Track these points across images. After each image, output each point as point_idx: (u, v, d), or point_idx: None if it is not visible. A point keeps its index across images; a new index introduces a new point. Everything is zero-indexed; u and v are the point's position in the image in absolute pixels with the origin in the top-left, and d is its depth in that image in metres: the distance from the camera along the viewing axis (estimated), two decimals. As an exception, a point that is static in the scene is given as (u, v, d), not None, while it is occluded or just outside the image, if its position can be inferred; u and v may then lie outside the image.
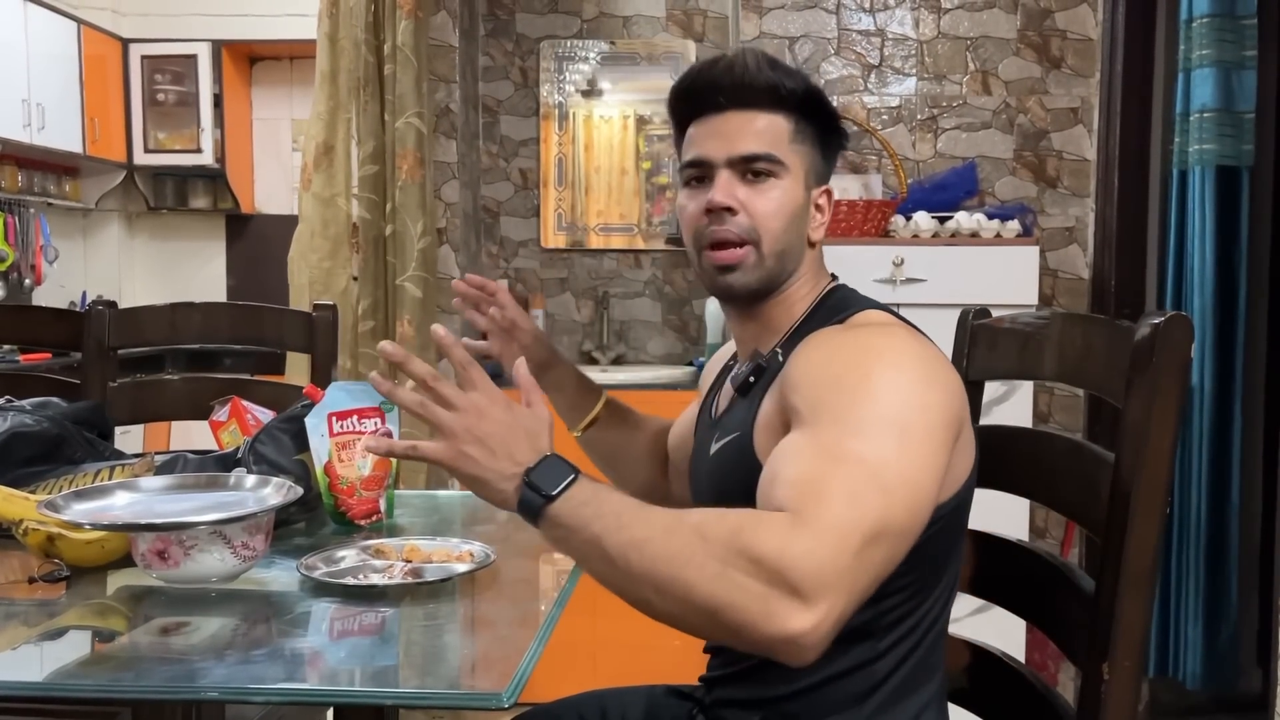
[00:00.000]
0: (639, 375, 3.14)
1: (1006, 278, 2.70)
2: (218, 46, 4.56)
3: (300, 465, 1.47)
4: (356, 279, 2.89)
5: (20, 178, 4.16)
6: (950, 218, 2.85)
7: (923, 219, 2.83)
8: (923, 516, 0.95)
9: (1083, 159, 3.09)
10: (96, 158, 4.39)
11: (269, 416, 1.63)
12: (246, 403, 1.70)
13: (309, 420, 1.47)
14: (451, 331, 1.12)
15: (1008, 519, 2.29)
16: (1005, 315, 1.32)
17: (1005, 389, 2.68)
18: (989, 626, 1.54)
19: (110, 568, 1.26)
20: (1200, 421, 2.63)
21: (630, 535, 0.90)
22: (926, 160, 3.13)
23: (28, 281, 4.24)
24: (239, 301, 3.38)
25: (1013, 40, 3.09)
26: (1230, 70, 2.57)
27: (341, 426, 1.47)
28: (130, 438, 3.33)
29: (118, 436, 1.74)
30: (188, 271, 4.87)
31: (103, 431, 1.60)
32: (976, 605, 1.32)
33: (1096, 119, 3.04)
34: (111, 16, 4.60)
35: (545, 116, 3.40)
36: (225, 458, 1.49)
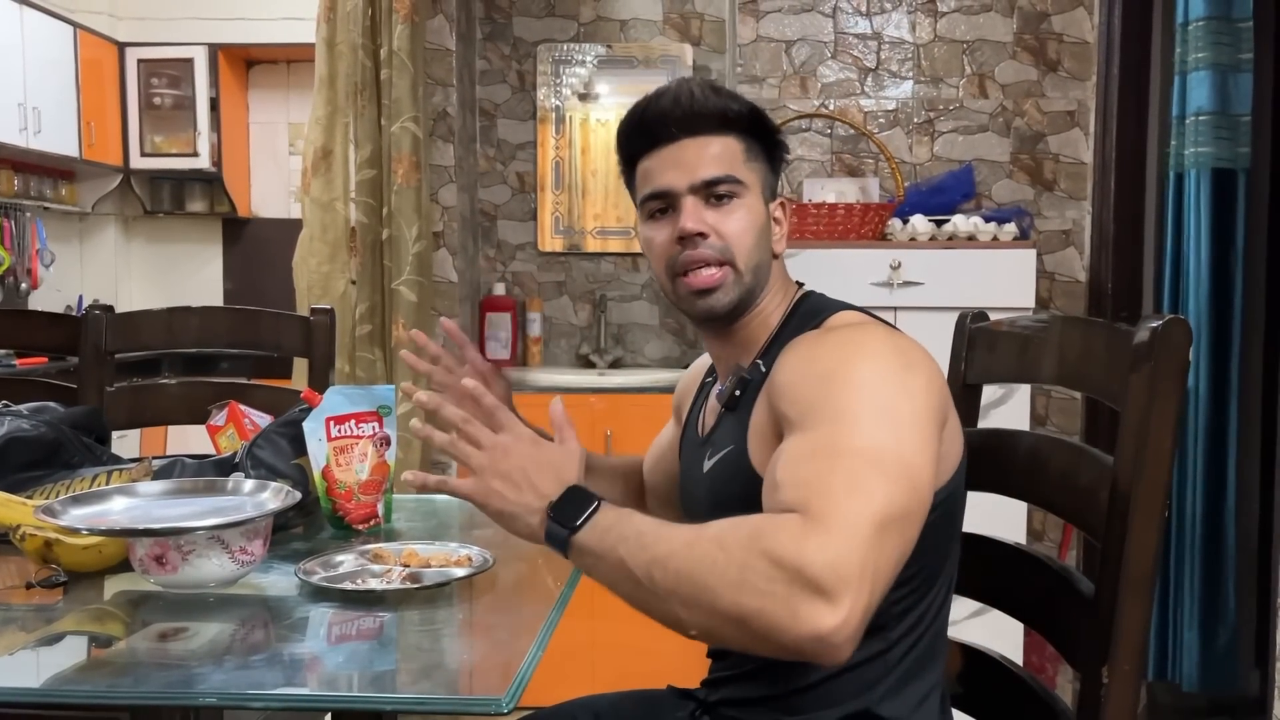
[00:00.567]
0: (636, 378, 3.14)
1: (1003, 281, 2.71)
2: (214, 50, 4.55)
3: (298, 470, 1.47)
4: (355, 283, 2.88)
5: (16, 182, 4.15)
6: (947, 221, 2.85)
7: (920, 222, 2.83)
8: (926, 497, 0.96)
9: (1079, 162, 3.09)
10: (93, 161, 4.39)
11: (266, 421, 1.63)
12: (244, 407, 1.69)
13: (307, 425, 1.46)
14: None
15: (1005, 522, 2.29)
16: (1004, 318, 1.32)
17: (1003, 392, 2.69)
18: (987, 630, 1.54)
19: (108, 573, 1.25)
20: (1196, 424, 2.63)
21: (653, 554, 0.91)
22: (923, 163, 3.14)
23: (24, 286, 4.23)
24: (236, 305, 3.38)
25: (1009, 43, 3.10)
26: (1226, 73, 2.58)
27: (339, 431, 1.46)
28: (127, 442, 3.33)
29: (115, 441, 1.73)
30: (184, 275, 4.87)
31: (100, 436, 1.60)
32: (975, 608, 1.32)
33: (1093, 122, 3.04)
34: (108, 20, 4.60)
35: (542, 120, 3.40)
36: (223, 462, 1.49)
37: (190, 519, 1.18)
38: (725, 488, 1.14)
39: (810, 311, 1.17)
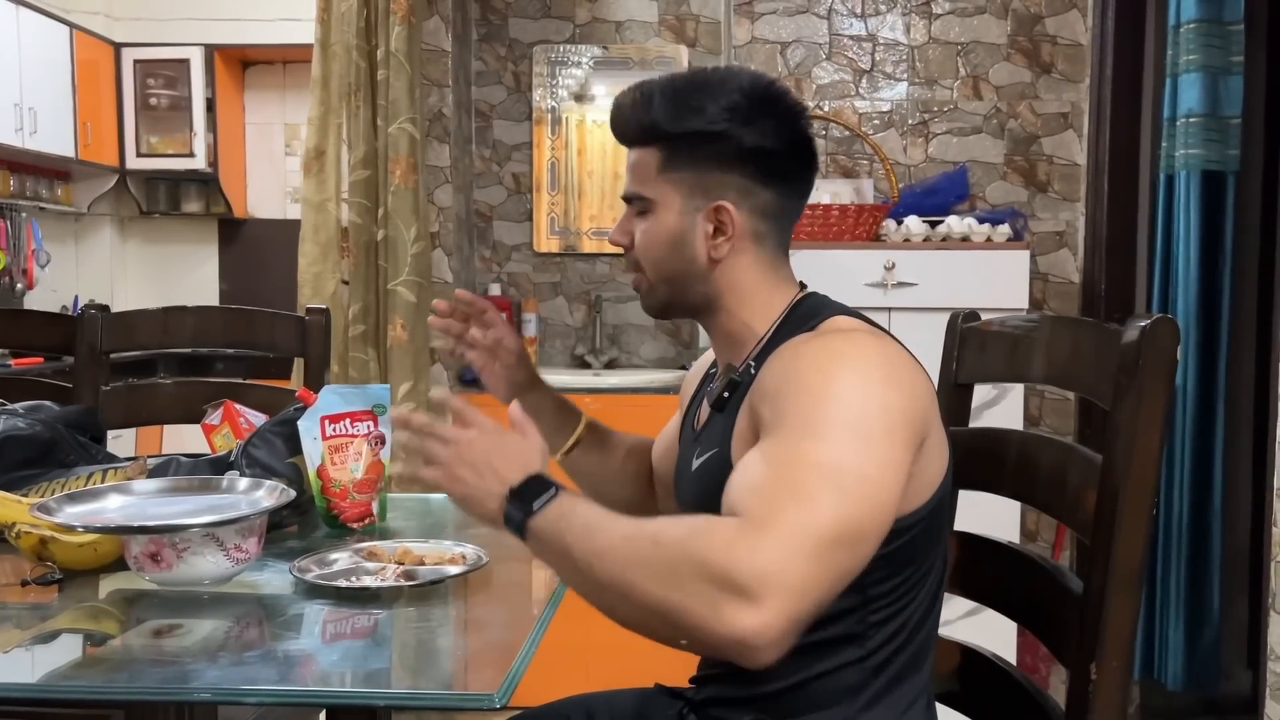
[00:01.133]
0: (632, 379, 3.14)
1: (997, 282, 2.72)
2: (210, 51, 4.55)
3: (293, 468, 1.48)
4: (346, 283, 2.89)
5: (12, 182, 4.15)
6: (941, 222, 2.86)
7: (914, 223, 2.84)
8: (885, 516, 0.96)
9: (1073, 163, 3.10)
10: (89, 162, 4.38)
11: (261, 420, 1.64)
12: (239, 406, 1.70)
13: (301, 423, 1.47)
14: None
15: (999, 522, 2.30)
16: (994, 318, 1.33)
17: (996, 392, 2.70)
18: (980, 629, 1.54)
19: (103, 571, 1.26)
20: (1184, 424, 2.64)
21: (595, 545, 0.94)
22: (917, 165, 3.15)
23: (19, 286, 4.23)
24: (231, 305, 3.38)
25: (1003, 45, 3.11)
26: (1217, 75, 2.59)
27: (334, 430, 1.47)
28: (123, 441, 3.33)
29: (110, 440, 1.74)
30: (180, 276, 4.87)
31: (95, 435, 1.60)
32: (968, 608, 1.33)
33: (1086, 124, 3.05)
34: (104, 21, 4.59)
35: (538, 121, 3.40)
36: (218, 461, 1.49)
37: (185, 517, 1.18)
38: (709, 489, 1.14)
39: (807, 314, 1.15)
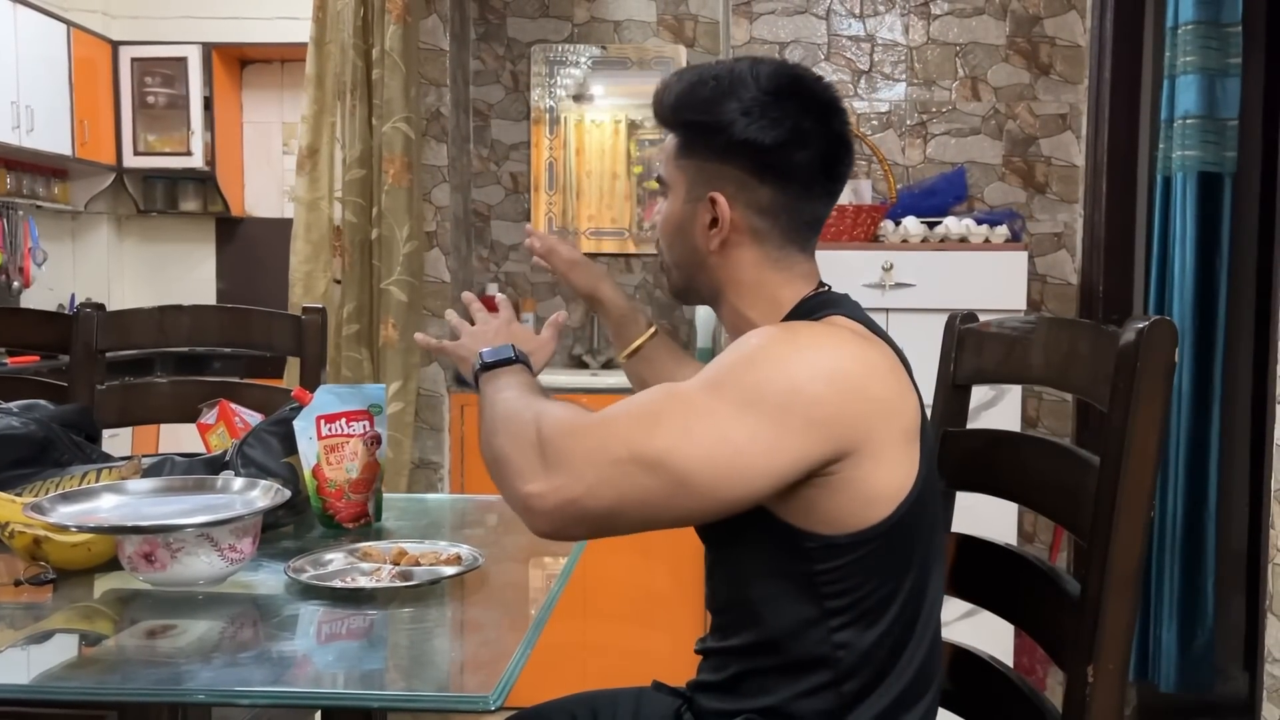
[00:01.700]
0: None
1: (995, 283, 2.71)
2: (208, 49, 4.54)
3: (288, 468, 1.47)
4: (338, 282, 2.88)
5: (9, 180, 4.14)
6: (939, 223, 2.86)
7: (912, 224, 2.84)
8: (732, 486, 0.96)
9: (1071, 165, 3.10)
10: (86, 160, 4.38)
11: (257, 419, 1.63)
12: (235, 405, 1.70)
13: (297, 423, 1.47)
14: (436, 335, 1.22)
15: (996, 524, 2.30)
16: (992, 319, 1.32)
17: (994, 394, 2.69)
18: (977, 630, 1.54)
19: (97, 571, 1.26)
20: (1179, 426, 2.64)
21: (500, 397, 1.10)
22: (916, 165, 3.15)
23: (16, 284, 4.22)
24: (228, 304, 3.38)
25: (1002, 46, 3.11)
26: (1214, 77, 2.59)
27: (329, 429, 1.47)
28: (118, 440, 3.32)
29: (106, 439, 1.73)
30: (177, 274, 4.86)
31: (90, 434, 1.59)
32: (965, 609, 1.33)
33: (1085, 125, 3.05)
34: (101, 19, 4.59)
35: (536, 121, 3.40)
36: (213, 460, 1.49)
37: (180, 517, 1.18)
38: None
39: (810, 310, 1.11)
